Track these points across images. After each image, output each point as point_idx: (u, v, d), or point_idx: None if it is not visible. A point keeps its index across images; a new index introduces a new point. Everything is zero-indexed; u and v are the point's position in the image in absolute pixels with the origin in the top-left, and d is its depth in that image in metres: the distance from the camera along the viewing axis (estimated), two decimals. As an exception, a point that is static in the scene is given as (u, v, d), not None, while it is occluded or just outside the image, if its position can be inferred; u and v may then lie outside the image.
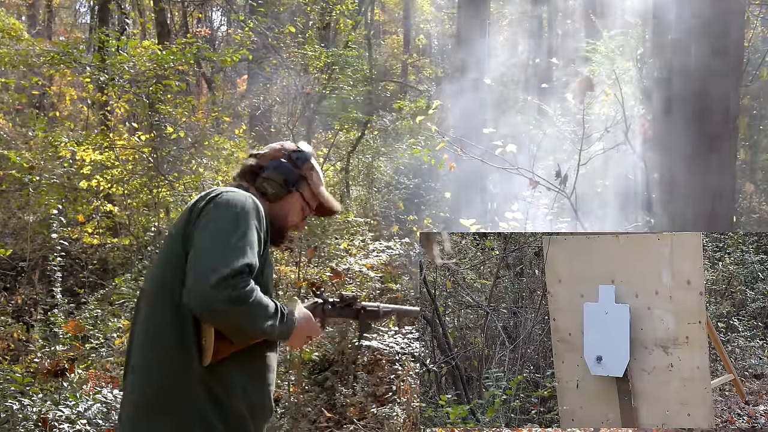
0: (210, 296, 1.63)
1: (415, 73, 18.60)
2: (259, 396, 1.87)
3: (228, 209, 1.78)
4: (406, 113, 12.99)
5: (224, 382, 1.77)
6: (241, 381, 1.80)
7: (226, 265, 1.65)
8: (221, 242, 1.71)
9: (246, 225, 1.76)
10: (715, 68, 4.29)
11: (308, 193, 2.07)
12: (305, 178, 2.06)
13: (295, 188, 2.03)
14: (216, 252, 1.69)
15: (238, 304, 1.65)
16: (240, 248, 1.71)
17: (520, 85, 19.47)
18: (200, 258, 1.70)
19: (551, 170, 5.39)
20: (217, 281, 1.63)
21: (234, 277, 1.65)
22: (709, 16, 4.29)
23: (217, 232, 1.73)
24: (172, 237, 1.86)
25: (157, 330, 1.79)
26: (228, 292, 1.63)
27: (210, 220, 1.76)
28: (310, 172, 2.08)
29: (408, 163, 12.01)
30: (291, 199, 2.04)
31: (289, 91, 7.87)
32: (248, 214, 1.79)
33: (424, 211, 10.36)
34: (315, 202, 2.09)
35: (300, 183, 2.04)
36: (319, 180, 2.11)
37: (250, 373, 1.84)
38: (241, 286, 1.65)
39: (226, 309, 1.64)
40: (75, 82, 11.07)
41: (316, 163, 2.11)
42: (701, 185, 4.31)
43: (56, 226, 5.58)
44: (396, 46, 20.81)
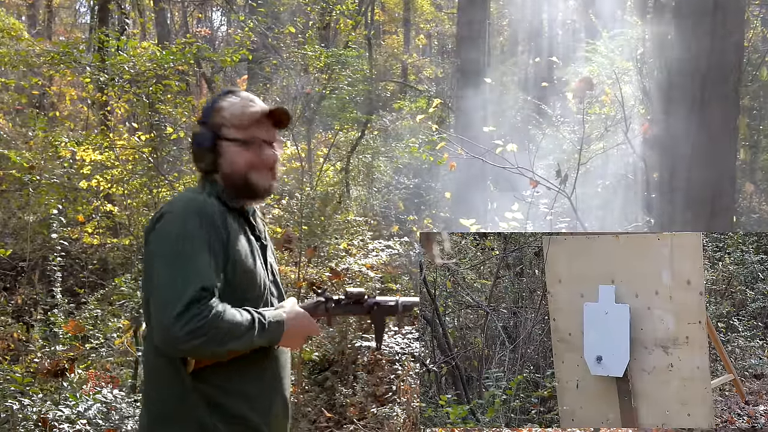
0: (170, 337, 1.59)
1: (415, 73, 18.60)
2: (260, 393, 1.81)
3: (163, 239, 1.70)
4: (406, 113, 12.99)
5: (217, 384, 1.74)
6: (237, 381, 1.76)
7: (177, 300, 1.60)
8: (165, 279, 1.64)
9: (185, 245, 1.66)
10: (715, 68, 4.29)
11: (233, 132, 1.84)
12: (221, 126, 1.84)
13: (215, 144, 1.83)
14: (163, 291, 1.64)
15: (200, 336, 1.59)
16: (185, 276, 1.63)
17: (520, 85, 19.49)
18: (153, 300, 1.66)
19: (551, 170, 5.40)
20: (171, 321, 1.58)
21: (188, 311, 1.59)
22: (709, 15, 4.29)
23: (160, 269, 1.67)
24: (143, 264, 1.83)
25: (147, 342, 1.79)
26: (186, 329, 1.58)
27: (151, 256, 1.70)
28: (220, 113, 1.85)
29: (408, 163, 12.01)
30: (223, 152, 1.84)
31: (289, 91, 7.87)
32: (185, 232, 1.68)
33: (424, 211, 10.37)
34: (248, 131, 1.84)
35: (217, 134, 1.84)
36: (234, 108, 1.85)
37: (246, 371, 1.78)
38: (198, 318, 1.59)
39: (190, 344, 1.60)
40: (75, 82, 11.07)
41: (227, 99, 1.88)
42: (701, 185, 4.31)
43: (56, 226, 5.58)
44: (396, 46, 20.81)
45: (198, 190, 1.87)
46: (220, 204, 1.80)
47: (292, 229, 6.11)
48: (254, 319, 1.70)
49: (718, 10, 4.28)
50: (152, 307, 1.66)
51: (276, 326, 1.76)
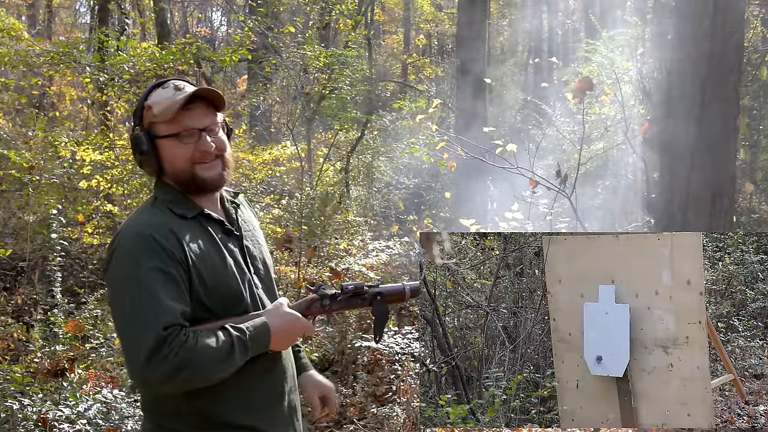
0: (149, 380, 1.53)
1: (415, 73, 18.61)
2: (263, 399, 1.75)
3: (115, 283, 1.63)
4: (406, 113, 13.00)
5: (210, 395, 1.65)
6: (235, 389, 1.69)
7: (142, 346, 1.51)
8: (125, 328, 1.58)
9: (137, 287, 1.57)
10: (714, 68, 4.29)
11: (164, 128, 1.69)
12: (153, 124, 1.70)
13: (152, 145, 1.69)
14: (126, 340, 1.57)
15: (178, 372, 1.52)
16: (144, 321, 1.54)
17: (520, 85, 19.49)
18: (122, 345, 1.60)
19: (551, 170, 5.40)
20: (142, 367, 1.51)
21: (157, 353, 1.51)
22: (709, 16, 4.29)
23: (118, 316, 1.61)
24: None
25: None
26: (161, 371, 1.51)
27: (111, 299, 1.65)
28: (150, 112, 1.69)
29: (408, 163, 12.02)
30: (162, 151, 1.70)
31: (288, 91, 7.87)
32: (135, 273, 1.58)
33: (424, 211, 10.37)
34: (177, 124, 1.68)
35: (150, 134, 1.70)
36: (162, 102, 1.68)
37: (243, 379, 1.69)
38: (170, 356, 1.51)
39: (173, 383, 1.54)
40: (75, 82, 11.06)
41: (156, 94, 1.70)
42: (701, 185, 4.31)
43: (56, 226, 5.58)
44: (396, 46, 20.83)
45: (148, 206, 1.74)
46: (172, 215, 1.69)
47: (292, 229, 6.11)
48: (233, 338, 1.60)
49: (717, 11, 4.28)
50: (122, 346, 1.61)
51: (260, 335, 1.66)
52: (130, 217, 1.74)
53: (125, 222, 1.73)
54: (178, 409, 1.67)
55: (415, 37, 21.48)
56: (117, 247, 1.64)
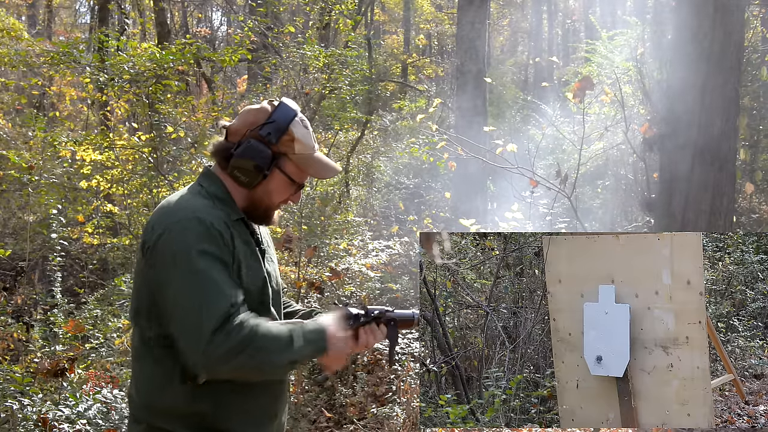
0: (208, 360, 1.51)
1: (415, 73, 18.61)
2: (260, 413, 1.74)
3: (172, 258, 1.57)
4: (406, 113, 13.00)
5: (214, 401, 1.65)
6: (237, 399, 1.68)
7: (208, 321, 1.50)
8: (189, 301, 1.54)
9: (200, 263, 1.56)
10: (714, 68, 4.29)
11: (292, 169, 1.75)
12: (284, 154, 1.74)
13: (271, 170, 1.72)
14: (190, 314, 1.53)
15: (238, 353, 1.51)
16: (210, 295, 1.54)
17: (520, 85, 19.50)
18: (178, 325, 1.55)
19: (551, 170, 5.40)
20: (206, 343, 1.49)
21: (222, 330, 1.50)
22: (709, 16, 4.29)
23: (179, 291, 1.56)
24: (136, 267, 1.71)
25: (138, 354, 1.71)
26: (223, 348, 1.50)
27: (161, 278, 1.59)
28: (291, 144, 1.73)
29: (408, 163, 12.03)
30: (271, 180, 1.74)
31: (288, 91, 7.87)
32: (196, 249, 1.57)
33: (424, 211, 10.37)
34: (303, 176, 1.77)
35: (278, 161, 1.73)
36: (305, 147, 1.75)
37: (246, 390, 1.69)
38: (234, 335, 1.51)
39: (230, 364, 1.52)
40: (75, 82, 11.07)
41: (300, 127, 1.75)
42: (701, 185, 4.31)
43: (56, 226, 5.58)
44: (396, 46, 20.82)
45: (197, 194, 1.72)
46: (224, 211, 1.70)
47: (292, 229, 6.11)
48: (292, 330, 1.60)
49: (717, 11, 4.28)
50: (178, 331, 1.55)
51: (317, 335, 1.65)
52: (175, 204, 1.69)
53: (173, 203, 1.69)
54: (176, 412, 1.64)
55: (415, 37, 21.49)
56: (169, 227, 1.61)
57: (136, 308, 1.69)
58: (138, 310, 1.68)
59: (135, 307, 1.69)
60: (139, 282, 1.69)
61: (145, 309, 1.66)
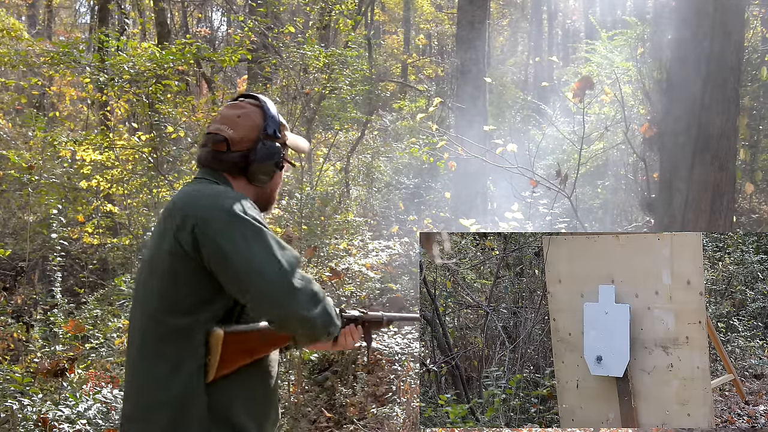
0: (299, 308, 1.56)
1: (415, 73, 18.62)
2: (262, 405, 1.76)
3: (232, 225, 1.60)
4: (406, 113, 13.00)
5: (228, 395, 1.66)
6: (244, 392, 1.69)
7: (290, 270, 1.57)
8: (266, 255, 1.58)
9: (257, 223, 1.62)
10: (714, 68, 4.29)
11: (288, 154, 1.89)
12: (284, 143, 1.85)
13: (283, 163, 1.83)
14: (270, 266, 1.57)
15: (318, 302, 1.60)
16: (281, 247, 1.61)
17: (520, 85, 19.51)
18: (260, 281, 1.56)
19: (551, 170, 5.40)
20: (294, 292, 1.56)
21: (301, 279, 1.58)
22: (709, 15, 4.28)
23: (250, 249, 1.58)
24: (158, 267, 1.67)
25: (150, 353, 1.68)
26: (306, 297, 1.57)
27: (227, 248, 1.58)
28: (284, 131, 1.84)
29: (408, 163, 12.02)
30: (279, 172, 1.85)
31: (288, 91, 7.87)
32: (247, 214, 1.63)
33: (424, 211, 10.37)
34: (292, 157, 1.91)
35: (284, 152, 1.83)
36: (287, 128, 1.87)
37: (251, 383, 1.72)
38: (310, 285, 1.59)
39: (312, 314, 1.58)
40: (75, 82, 11.08)
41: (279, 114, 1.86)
42: (701, 186, 4.31)
43: (56, 226, 5.58)
44: (396, 46, 20.83)
45: (233, 191, 1.74)
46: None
47: (292, 229, 6.11)
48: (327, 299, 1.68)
49: (717, 11, 4.28)
50: (260, 289, 1.56)
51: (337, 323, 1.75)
52: (207, 189, 1.69)
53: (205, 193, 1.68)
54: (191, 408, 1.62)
55: (415, 37, 21.50)
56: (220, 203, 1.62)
57: (161, 306, 1.65)
58: (162, 308, 1.65)
59: (162, 307, 1.65)
60: (167, 279, 1.65)
61: (181, 300, 1.64)
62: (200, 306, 1.64)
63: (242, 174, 1.78)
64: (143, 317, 1.70)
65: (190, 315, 1.63)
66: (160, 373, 1.65)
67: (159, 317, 1.66)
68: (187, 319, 1.63)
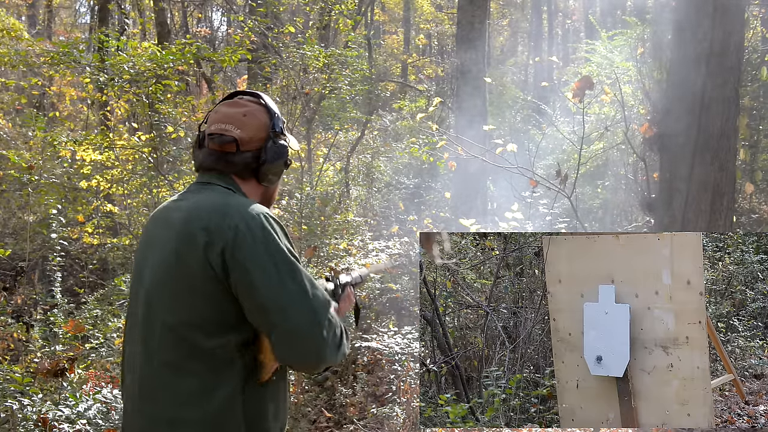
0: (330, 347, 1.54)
1: (415, 73, 18.62)
2: (282, 412, 1.73)
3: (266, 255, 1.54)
4: (406, 113, 13.00)
5: (258, 407, 1.62)
6: (272, 400, 1.66)
7: (320, 309, 1.55)
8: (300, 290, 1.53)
9: (291, 255, 1.57)
10: (714, 68, 4.29)
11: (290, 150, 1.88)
12: (287, 140, 1.83)
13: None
14: (302, 302, 1.53)
15: (343, 340, 1.60)
16: (313, 284, 1.57)
17: (520, 85, 19.50)
18: (291, 316, 1.51)
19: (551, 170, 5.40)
20: (325, 332, 1.53)
21: (331, 320, 1.56)
22: (709, 15, 4.28)
23: (283, 282, 1.52)
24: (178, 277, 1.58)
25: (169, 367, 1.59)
26: (337, 336, 1.56)
27: (259, 277, 1.52)
28: (284, 128, 1.82)
29: (408, 163, 12.02)
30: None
31: (288, 91, 7.87)
32: (279, 243, 1.57)
33: (424, 211, 10.36)
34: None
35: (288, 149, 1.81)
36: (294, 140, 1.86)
37: (278, 391, 1.69)
38: (338, 322, 1.59)
39: (341, 350, 1.59)
40: (75, 82, 11.08)
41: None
42: (701, 186, 4.31)
43: (56, 226, 5.58)
44: (396, 46, 20.84)
45: (234, 193, 1.69)
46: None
47: (292, 229, 6.11)
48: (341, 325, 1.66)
49: (717, 11, 4.28)
50: (289, 323, 1.51)
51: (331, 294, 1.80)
52: (230, 200, 1.63)
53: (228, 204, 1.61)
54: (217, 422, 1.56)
55: (415, 37, 21.50)
56: (248, 221, 1.56)
57: (186, 321, 1.57)
58: (188, 323, 1.57)
59: (184, 321, 1.57)
60: (194, 296, 1.56)
61: (208, 321, 1.56)
62: (228, 329, 1.57)
63: (253, 175, 1.72)
64: (156, 326, 1.61)
65: (219, 337, 1.56)
66: (186, 390, 1.56)
67: (181, 332, 1.57)
68: (216, 341, 1.56)
